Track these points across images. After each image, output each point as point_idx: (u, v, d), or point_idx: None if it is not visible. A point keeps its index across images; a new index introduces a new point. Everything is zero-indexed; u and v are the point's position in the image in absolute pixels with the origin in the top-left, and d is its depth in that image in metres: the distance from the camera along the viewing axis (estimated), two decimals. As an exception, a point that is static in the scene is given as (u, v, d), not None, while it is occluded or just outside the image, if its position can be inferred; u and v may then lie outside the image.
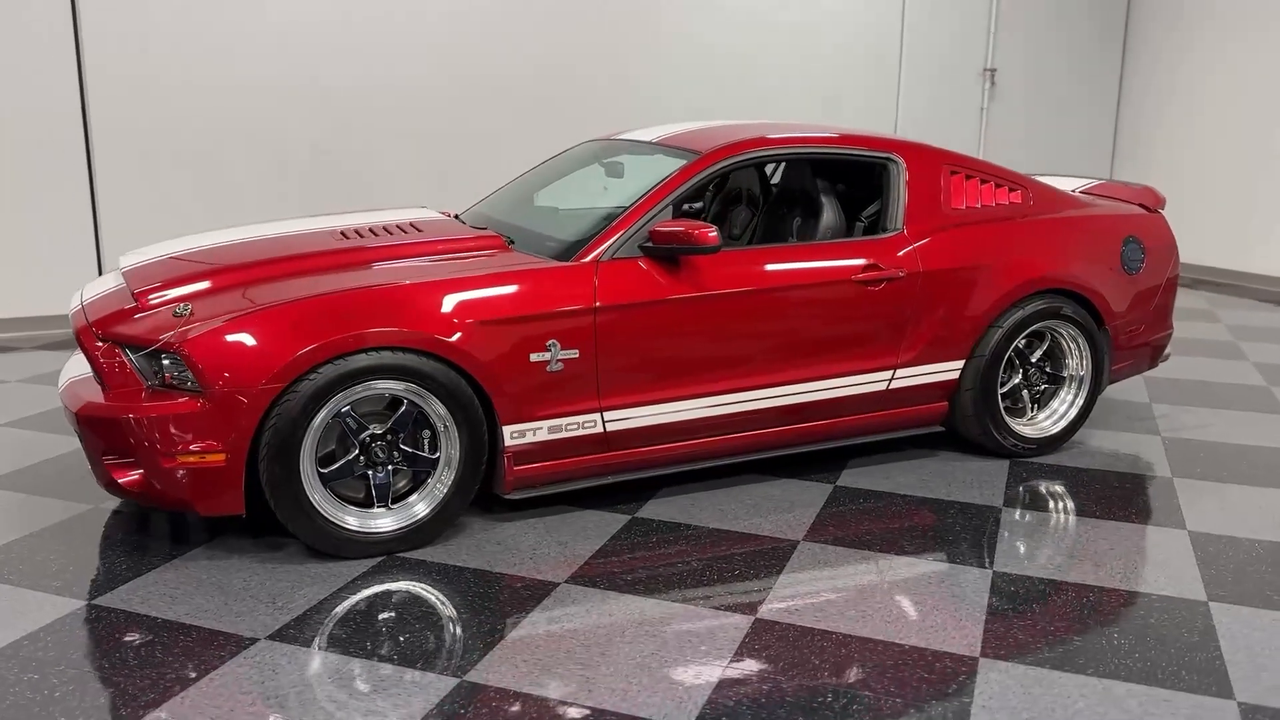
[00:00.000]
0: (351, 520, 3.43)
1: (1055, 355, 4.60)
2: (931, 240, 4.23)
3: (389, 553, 3.53)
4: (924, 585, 3.35)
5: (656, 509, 3.94)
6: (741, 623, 3.09)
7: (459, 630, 3.04)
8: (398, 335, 3.36)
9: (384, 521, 3.48)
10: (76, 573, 3.38)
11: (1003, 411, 4.45)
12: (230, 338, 3.27)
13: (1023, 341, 4.51)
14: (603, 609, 3.17)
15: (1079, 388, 4.61)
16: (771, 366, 3.99)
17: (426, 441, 3.54)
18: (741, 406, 3.97)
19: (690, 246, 3.72)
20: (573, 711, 2.63)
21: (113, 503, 3.91)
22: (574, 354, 3.64)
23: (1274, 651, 2.96)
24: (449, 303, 3.47)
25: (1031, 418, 4.58)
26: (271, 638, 2.99)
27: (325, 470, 3.41)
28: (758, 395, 3.98)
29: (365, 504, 3.50)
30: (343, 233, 3.94)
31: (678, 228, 3.71)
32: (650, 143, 4.37)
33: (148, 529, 3.73)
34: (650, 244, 3.76)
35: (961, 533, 3.76)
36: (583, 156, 4.74)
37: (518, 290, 3.59)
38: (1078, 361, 4.58)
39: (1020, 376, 4.53)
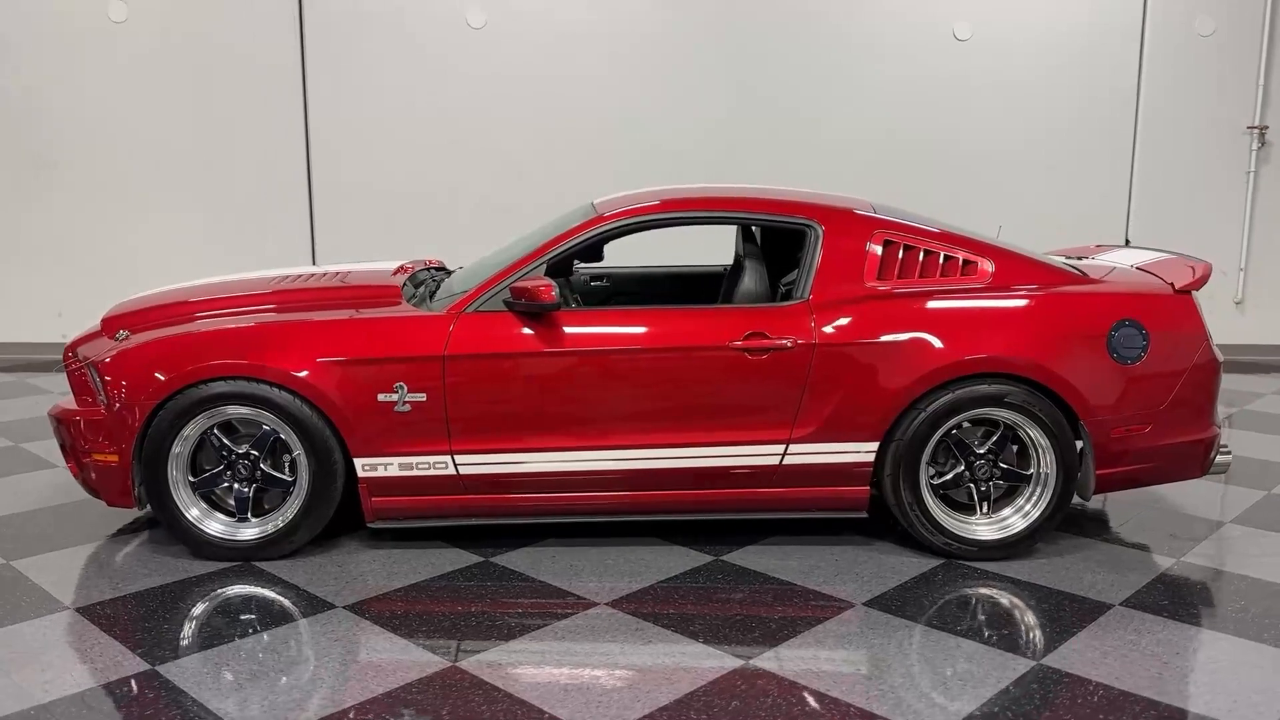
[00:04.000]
0: (194, 513, 3.94)
1: (1025, 451, 4.06)
2: (837, 311, 3.96)
3: (245, 559, 4.00)
4: (654, 666, 3.20)
5: (512, 557, 4.06)
6: (433, 667, 3.18)
7: (204, 628, 3.43)
8: (249, 367, 3.85)
9: (213, 526, 3.96)
10: (32, 540, 4.21)
11: (931, 506, 4.01)
12: (126, 361, 3.95)
13: (981, 431, 4.05)
14: (336, 635, 3.40)
15: (1041, 491, 4.02)
16: (637, 428, 3.96)
17: (288, 466, 3.98)
18: (604, 465, 3.98)
19: (532, 303, 3.86)
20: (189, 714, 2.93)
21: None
22: (421, 397, 3.90)
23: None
24: (302, 342, 3.90)
25: (984, 517, 4.06)
26: (78, 609, 3.58)
27: (194, 479, 3.96)
28: (622, 456, 3.97)
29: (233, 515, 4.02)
30: (277, 280, 4.51)
31: (524, 284, 3.86)
32: (592, 204, 4.51)
33: (126, 518, 4.50)
34: (510, 299, 3.93)
35: (769, 623, 3.50)
36: (570, 217, 4.94)
37: (370, 335, 3.93)
38: (1041, 459, 4.00)
39: (963, 468, 4.04)
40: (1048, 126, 8.03)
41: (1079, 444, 4.04)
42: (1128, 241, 8.14)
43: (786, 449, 3.98)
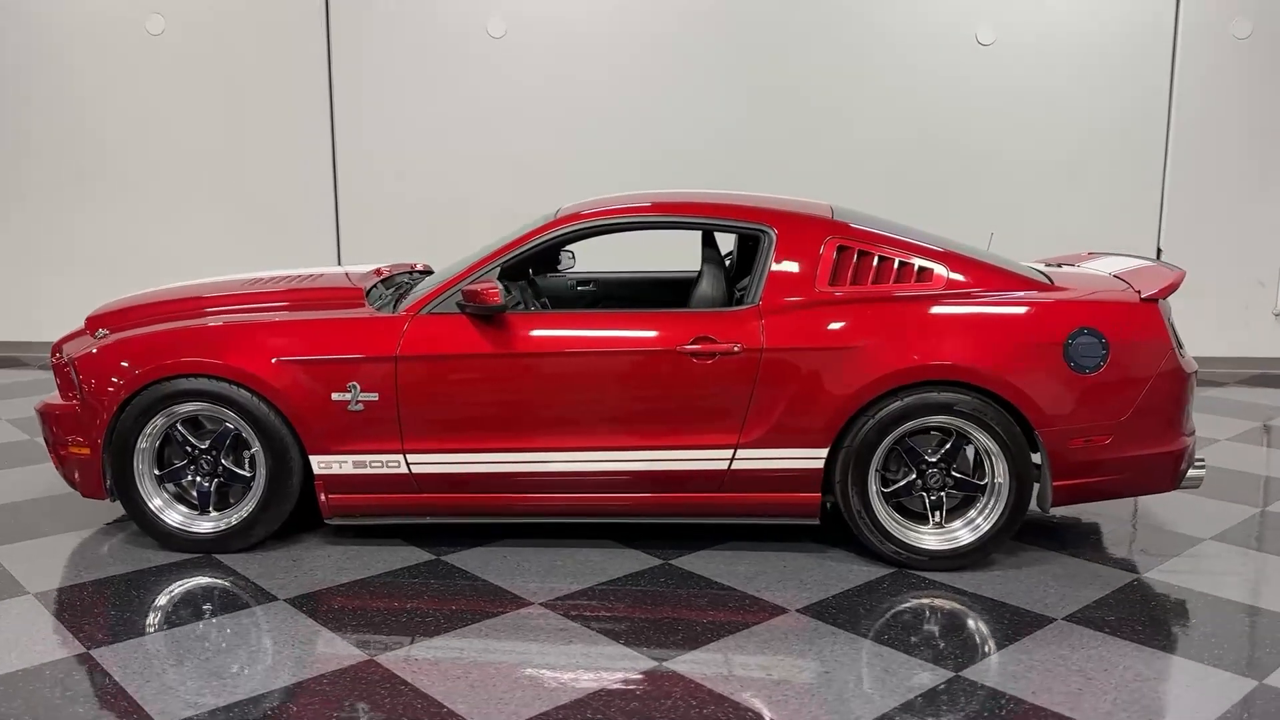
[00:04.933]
0: (156, 503, 4.08)
1: (980, 460, 3.99)
2: (786, 317, 3.94)
3: (207, 551, 4.12)
4: (566, 665, 3.23)
5: (464, 556, 4.12)
6: (351, 660, 3.25)
7: (146, 616, 3.55)
8: (208, 365, 3.97)
9: (173, 516, 4.10)
10: (16, 528, 4.41)
11: (880, 513, 3.96)
12: (99, 358, 4.11)
13: (936, 439, 3.99)
14: (268, 627, 3.50)
15: (994, 503, 3.94)
16: (586, 431, 3.99)
17: (248, 462, 4.10)
18: (553, 467, 4.01)
19: (480, 305, 3.92)
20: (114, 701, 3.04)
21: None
22: (374, 397, 3.98)
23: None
24: (262, 342, 4.02)
25: (934, 527, 4.00)
26: (37, 595, 3.74)
27: (161, 472, 4.11)
28: (571, 458, 4.00)
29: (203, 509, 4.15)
30: (251, 282, 4.64)
31: (473, 287, 3.92)
32: (558, 210, 4.55)
33: (113, 511, 4.67)
34: (461, 302, 4.00)
35: (695, 627, 3.49)
36: (532, 223, 4.98)
37: (326, 336, 4.03)
38: (995, 469, 3.93)
39: (915, 476, 3.99)
40: (1076, 133, 7.84)
41: (1037, 455, 3.95)
42: (1159, 251, 7.91)
43: (735, 454, 3.97)
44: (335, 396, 3.98)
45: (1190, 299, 7.84)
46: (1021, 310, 3.95)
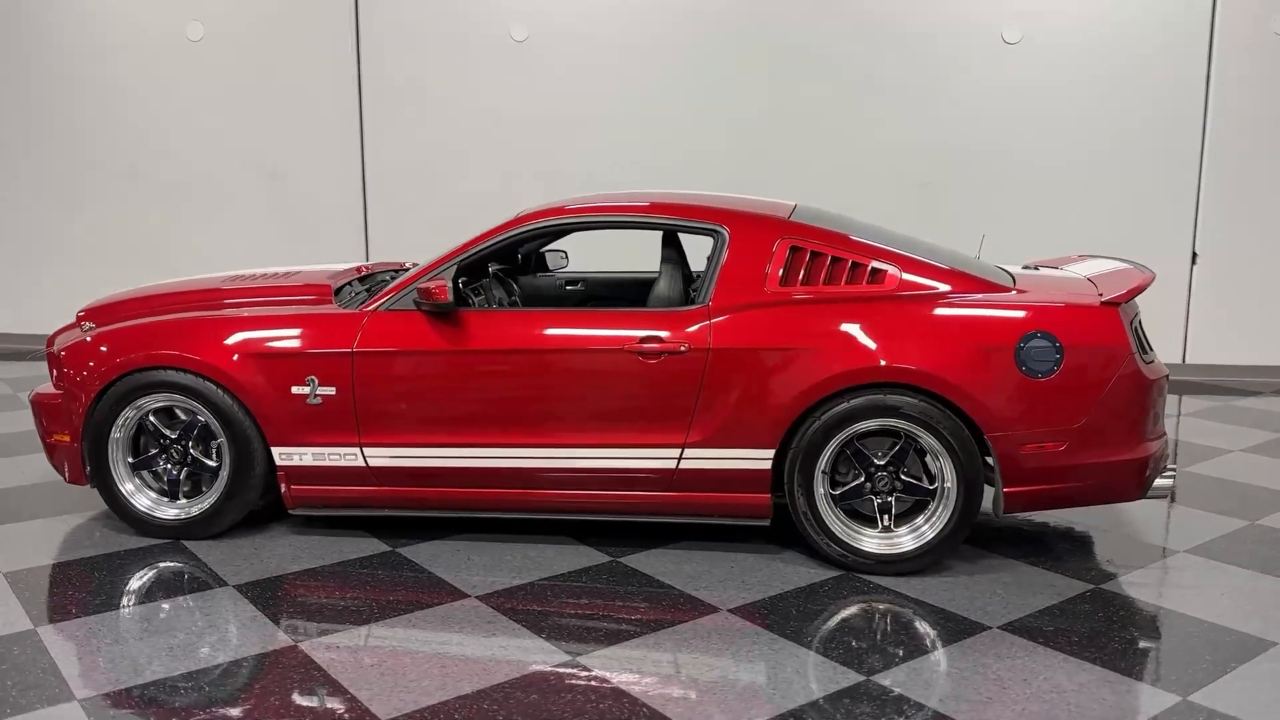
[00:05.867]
0: (128, 487, 4.24)
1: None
2: (734, 317, 3.93)
3: (176, 537, 4.28)
4: (480, 657, 3.27)
5: (417, 548, 4.20)
6: (275, 645, 3.35)
7: (97, 597, 3.70)
8: (175, 358, 4.12)
9: (141, 500, 4.26)
10: (9, 511, 4.61)
11: (825, 515, 3.93)
12: (80, 351, 4.30)
13: (889, 442, 3.94)
14: (208, 610, 3.62)
15: (941, 508, 3.88)
16: (536, 428, 4.03)
17: (215, 452, 4.24)
18: (505, 463, 4.07)
19: (432, 303, 4.00)
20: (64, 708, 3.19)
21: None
22: (331, 391, 4.09)
23: None
24: (228, 336, 4.15)
25: (880, 530, 3.95)
26: (5, 574, 3.92)
27: (134, 460, 4.27)
28: (521, 454, 4.05)
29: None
30: (231, 278, 4.78)
31: (425, 285, 4.00)
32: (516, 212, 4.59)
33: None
34: (417, 299, 4.08)
35: (621, 623, 3.51)
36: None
37: (288, 331, 4.15)
38: (943, 473, 3.87)
39: (864, 479, 3.94)
40: (1108, 134, 7.63)
41: (990, 461, 3.89)
42: (1195, 256, 7.66)
43: (682, 453, 3.98)
44: (295, 390, 4.10)
45: (1227, 305, 7.61)
46: (973, 313, 3.88)
